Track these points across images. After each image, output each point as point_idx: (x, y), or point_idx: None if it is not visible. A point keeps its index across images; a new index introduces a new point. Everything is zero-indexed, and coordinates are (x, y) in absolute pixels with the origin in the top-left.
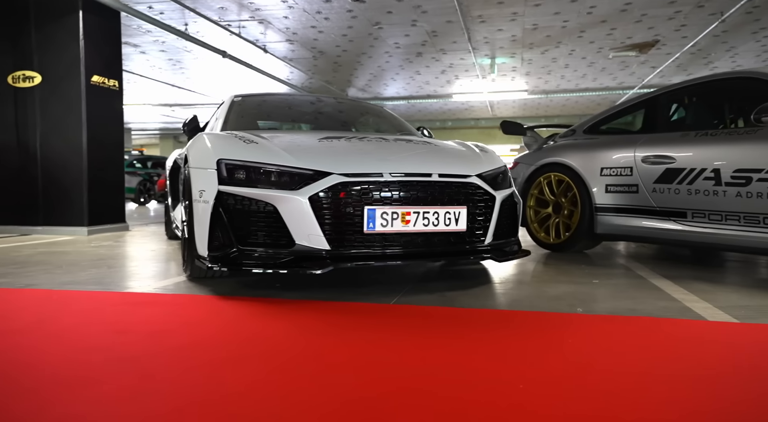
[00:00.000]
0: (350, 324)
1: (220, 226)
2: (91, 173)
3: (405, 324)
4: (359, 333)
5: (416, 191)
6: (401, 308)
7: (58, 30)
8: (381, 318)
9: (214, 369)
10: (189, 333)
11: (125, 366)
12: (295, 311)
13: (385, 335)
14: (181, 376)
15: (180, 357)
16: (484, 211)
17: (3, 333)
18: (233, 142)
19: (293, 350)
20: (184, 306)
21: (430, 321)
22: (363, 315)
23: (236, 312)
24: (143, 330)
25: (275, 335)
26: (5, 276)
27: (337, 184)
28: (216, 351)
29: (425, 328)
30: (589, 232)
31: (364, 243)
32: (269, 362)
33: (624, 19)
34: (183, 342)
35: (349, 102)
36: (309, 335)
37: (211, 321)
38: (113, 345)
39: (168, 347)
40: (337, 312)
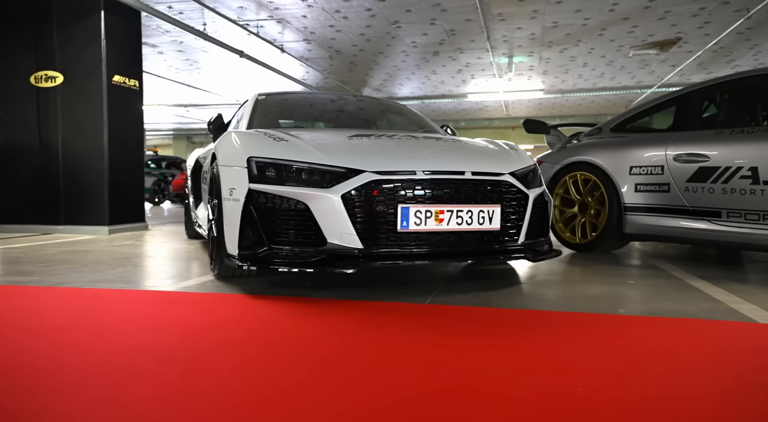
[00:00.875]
0: (386, 323)
1: (250, 225)
2: (112, 173)
3: (443, 324)
4: (397, 333)
5: (449, 189)
6: (437, 308)
7: (80, 30)
8: (417, 318)
9: (260, 368)
10: (227, 331)
11: (170, 364)
12: (329, 310)
13: (424, 335)
14: (228, 375)
15: (223, 355)
16: (518, 209)
17: (44, 330)
18: (263, 139)
19: (334, 350)
20: (217, 305)
21: (468, 321)
22: (398, 315)
23: (270, 311)
24: (181, 328)
25: (313, 335)
26: (34, 275)
27: (369, 182)
28: (257, 350)
29: (465, 328)
30: (618, 232)
31: (397, 242)
32: (312, 361)
33: (647, 17)
34: (222, 340)
35: (371, 100)
36: (347, 335)
37: (247, 320)
38: (154, 343)
39: (209, 346)
40: (372, 312)
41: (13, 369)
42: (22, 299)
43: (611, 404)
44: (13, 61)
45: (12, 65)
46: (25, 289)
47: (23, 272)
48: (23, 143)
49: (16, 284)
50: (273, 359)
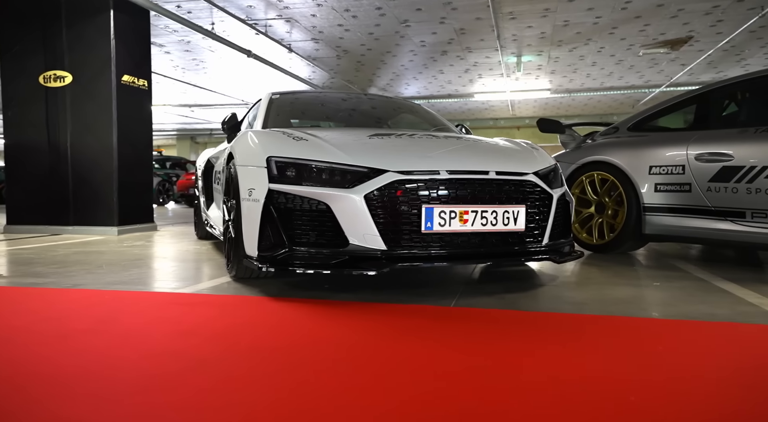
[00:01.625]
0: (414, 326)
1: (270, 226)
2: (122, 173)
3: (472, 328)
4: (427, 337)
5: (474, 189)
6: (465, 311)
7: (89, 29)
8: (445, 322)
9: (299, 375)
10: (255, 335)
11: (203, 370)
12: (355, 313)
13: (456, 340)
14: (267, 382)
15: (257, 361)
16: (542, 210)
17: (69, 334)
18: (282, 139)
19: (370, 355)
20: (240, 308)
21: (499, 325)
22: (425, 318)
23: (295, 314)
24: (208, 332)
25: (345, 339)
26: (49, 276)
27: (393, 182)
28: (290, 355)
29: (497, 332)
30: (636, 233)
31: (420, 244)
32: (352, 367)
33: (659, 15)
34: (252, 344)
35: (384, 98)
36: (379, 339)
37: (273, 324)
38: (183, 347)
39: (239, 350)
40: (399, 315)
41: (45, 375)
42: (41, 301)
43: (667, 413)
44: (21, 60)
45: (21, 65)
46: (43, 291)
47: (38, 273)
48: (32, 143)
49: (33, 286)
50: (310, 364)
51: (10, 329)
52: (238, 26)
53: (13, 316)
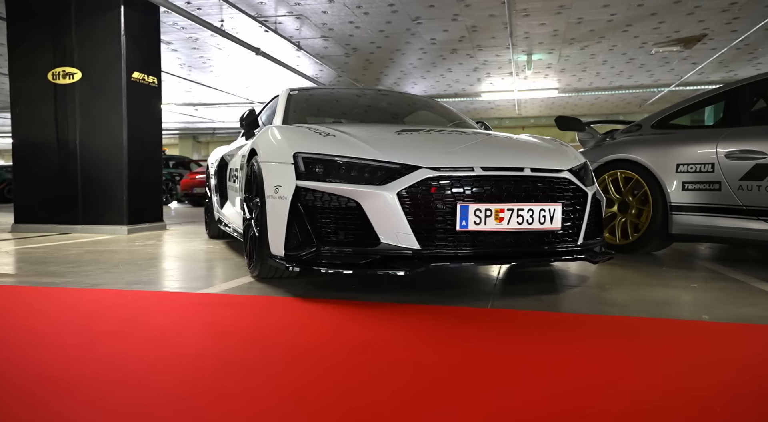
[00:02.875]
0: (455, 329)
1: (298, 224)
2: (131, 171)
3: (519, 331)
4: (473, 340)
5: (509, 186)
6: (504, 313)
7: (99, 25)
8: (487, 324)
9: (342, 379)
10: (291, 338)
11: (245, 373)
12: (392, 315)
13: (500, 343)
14: (316, 386)
15: (299, 364)
16: (577, 208)
17: (98, 336)
18: (309, 134)
19: (417, 360)
20: (270, 309)
21: (544, 328)
22: (464, 320)
23: (328, 315)
24: (241, 333)
25: (386, 341)
26: (65, 275)
27: (426, 179)
28: (334, 359)
29: (543, 335)
30: (663, 232)
31: (455, 243)
32: (395, 371)
33: (675, 12)
34: (290, 347)
35: (402, 94)
36: (421, 342)
37: (307, 325)
38: (218, 350)
39: (278, 353)
40: (437, 317)
41: (82, 382)
42: (62, 301)
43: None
44: (30, 57)
45: (29, 61)
46: (63, 291)
47: (53, 273)
48: (40, 141)
49: (50, 285)
50: (357, 369)
51: (34, 331)
52: (247, 23)
53: (36, 317)
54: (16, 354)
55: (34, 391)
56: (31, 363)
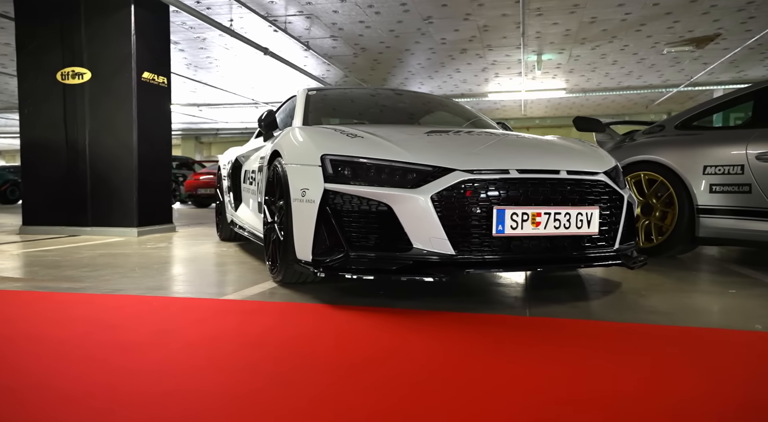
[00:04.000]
0: (494, 339)
1: (326, 228)
2: (141, 172)
3: (565, 342)
4: (516, 350)
5: (546, 189)
6: (542, 321)
7: (108, 25)
8: (529, 333)
9: (390, 389)
10: (328, 347)
11: (289, 386)
12: (427, 323)
13: (549, 355)
14: (364, 398)
15: (342, 375)
16: (614, 211)
17: (129, 345)
18: (336, 136)
19: (461, 372)
20: (301, 316)
21: (591, 339)
22: (505, 329)
23: (362, 324)
24: (275, 342)
25: (425, 351)
26: (83, 280)
27: (461, 182)
28: (375, 370)
29: (592, 346)
30: (689, 236)
31: (491, 248)
32: (442, 382)
33: (690, 11)
34: (330, 357)
35: (420, 94)
36: (462, 352)
37: (343, 335)
38: (256, 361)
39: (318, 363)
40: (474, 325)
41: (127, 397)
42: (87, 308)
43: None
44: (38, 57)
45: (38, 61)
46: (85, 297)
47: (70, 277)
48: (49, 142)
49: (70, 291)
50: (399, 380)
51: (63, 342)
52: (257, 23)
53: (62, 326)
54: (47, 368)
55: (76, 412)
56: (64, 379)
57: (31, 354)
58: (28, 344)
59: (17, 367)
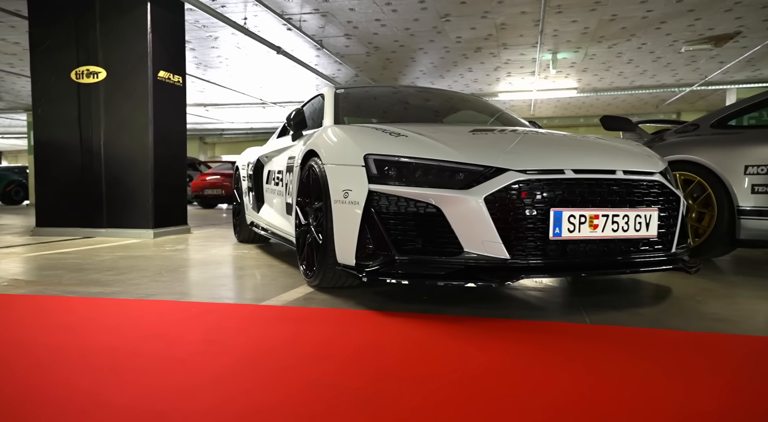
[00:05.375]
0: (562, 348)
1: (371, 231)
2: (157, 173)
3: (641, 353)
4: (591, 364)
5: (603, 190)
6: (607, 330)
7: (124, 23)
8: (593, 342)
9: (486, 406)
10: (397, 360)
11: (356, 403)
12: (488, 332)
13: (625, 366)
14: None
15: (407, 390)
16: (671, 213)
17: (185, 357)
18: (379, 135)
19: (542, 385)
20: (352, 325)
21: (663, 348)
22: (565, 338)
23: (417, 332)
24: (338, 355)
25: (495, 363)
26: (112, 285)
27: (515, 182)
28: (458, 385)
29: (672, 358)
30: (728, 237)
31: (546, 252)
32: (522, 400)
33: (713, 8)
34: (393, 370)
35: (448, 92)
36: (536, 365)
37: (401, 345)
38: (325, 376)
39: (394, 379)
40: (536, 334)
41: (200, 417)
42: (127, 314)
43: None
44: (53, 56)
45: (52, 60)
46: (120, 303)
47: (97, 281)
48: (63, 142)
49: (99, 296)
50: (490, 396)
51: (112, 351)
52: (270, 21)
53: (106, 334)
54: (104, 383)
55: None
56: (124, 395)
57: (83, 366)
58: (78, 355)
59: (72, 382)
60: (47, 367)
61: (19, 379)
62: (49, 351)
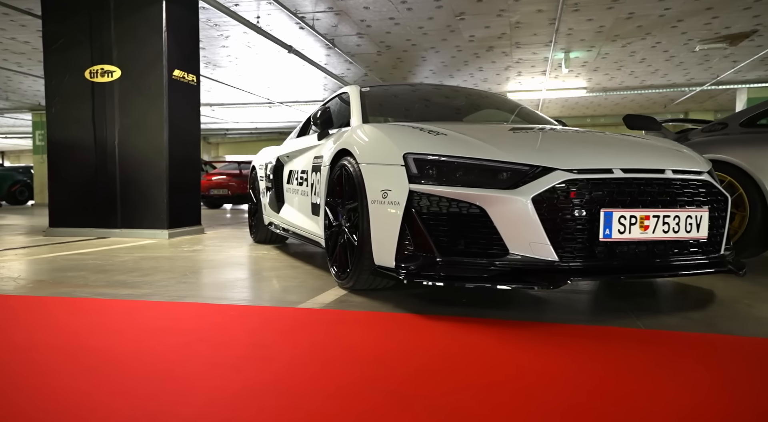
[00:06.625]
0: (620, 354)
1: (413, 232)
2: (172, 173)
3: (705, 359)
4: (656, 370)
5: (652, 190)
6: (663, 335)
7: (139, 21)
8: (656, 349)
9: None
10: (451, 363)
11: (428, 414)
12: (540, 337)
13: (704, 375)
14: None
15: (481, 400)
16: (720, 214)
17: (237, 361)
18: (417, 133)
19: (618, 395)
20: (400, 329)
21: (730, 356)
22: (622, 342)
23: (471, 337)
24: (392, 360)
25: (562, 371)
26: (140, 286)
27: (563, 182)
28: (530, 394)
29: (736, 365)
30: (761, 239)
31: (596, 254)
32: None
33: (732, 6)
34: (462, 377)
35: (475, 91)
36: (607, 373)
37: (461, 350)
38: (382, 381)
39: (471, 391)
40: (587, 339)
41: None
42: (167, 317)
43: None
44: (66, 54)
45: (66, 59)
46: (157, 305)
47: (125, 283)
48: (77, 141)
49: (131, 298)
50: (558, 405)
51: (162, 355)
52: (283, 20)
53: (151, 337)
54: (164, 387)
55: None
56: (188, 404)
57: (139, 370)
58: (129, 359)
59: (130, 387)
60: (102, 372)
61: (78, 385)
62: (98, 355)
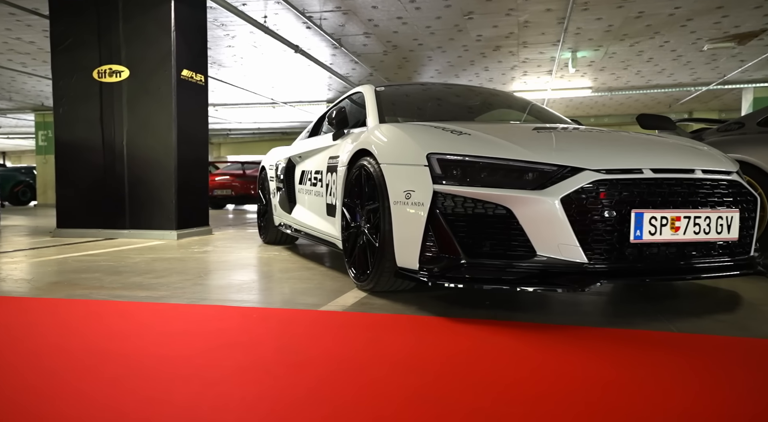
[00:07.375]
0: (660, 359)
1: (438, 233)
2: (180, 173)
3: (747, 361)
4: (696, 377)
5: (683, 191)
6: (700, 339)
7: (147, 21)
8: (695, 354)
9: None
10: (489, 367)
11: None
12: (576, 341)
13: (754, 381)
14: None
15: (525, 406)
16: (749, 215)
17: (271, 365)
18: (440, 133)
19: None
20: (428, 333)
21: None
22: (655, 346)
23: (504, 341)
24: (426, 366)
25: (590, 375)
26: (156, 288)
27: (592, 182)
28: (575, 402)
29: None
30: None
31: (626, 255)
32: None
33: (743, 5)
34: (500, 381)
35: (480, 88)
36: (645, 378)
37: (500, 355)
38: (419, 388)
39: (495, 390)
40: (621, 342)
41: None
42: (188, 321)
43: None
44: (74, 54)
45: (73, 59)
46: (177, 308)
47: (140, 285)
48: (85, 142)
49: (148, 300)
50: (610, 414)
51: (193, 359)
52: (290, 19)
53: (179, 341)
54: (202, 394)
55: None
56: (226, 411)
57: (171, 376)
58: (157, 364)
59: (166, 395)
60: (128, 379)
61: (105, 389)
62: (122, 361)
